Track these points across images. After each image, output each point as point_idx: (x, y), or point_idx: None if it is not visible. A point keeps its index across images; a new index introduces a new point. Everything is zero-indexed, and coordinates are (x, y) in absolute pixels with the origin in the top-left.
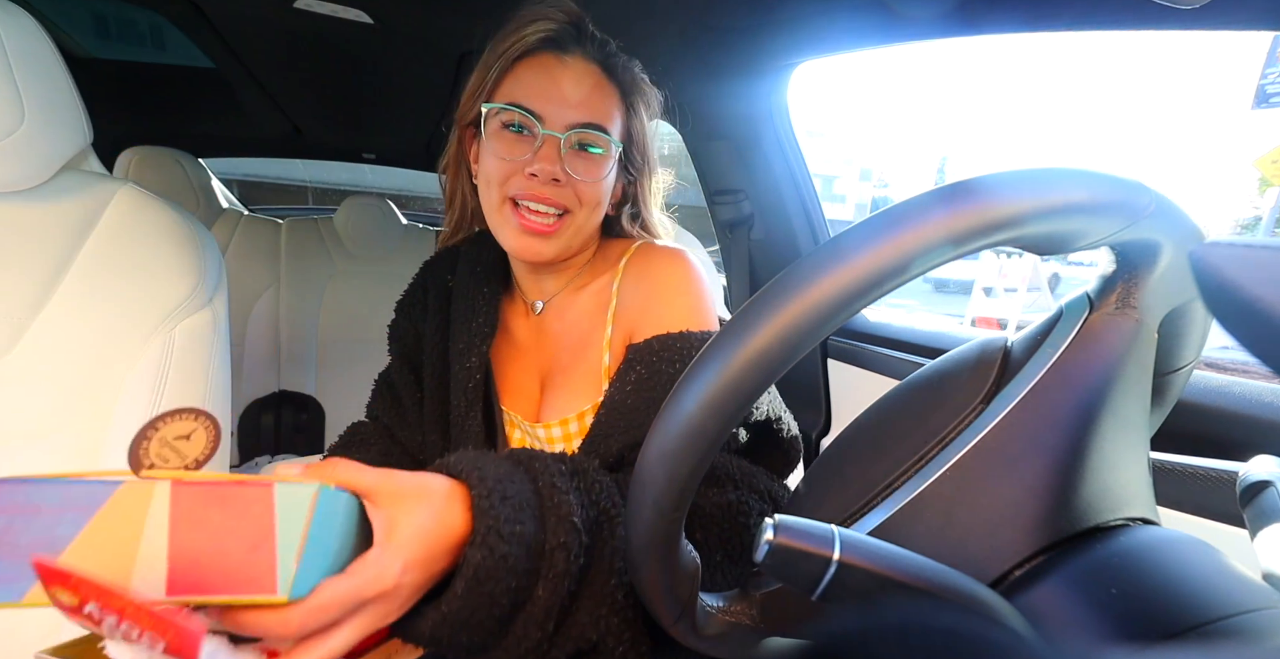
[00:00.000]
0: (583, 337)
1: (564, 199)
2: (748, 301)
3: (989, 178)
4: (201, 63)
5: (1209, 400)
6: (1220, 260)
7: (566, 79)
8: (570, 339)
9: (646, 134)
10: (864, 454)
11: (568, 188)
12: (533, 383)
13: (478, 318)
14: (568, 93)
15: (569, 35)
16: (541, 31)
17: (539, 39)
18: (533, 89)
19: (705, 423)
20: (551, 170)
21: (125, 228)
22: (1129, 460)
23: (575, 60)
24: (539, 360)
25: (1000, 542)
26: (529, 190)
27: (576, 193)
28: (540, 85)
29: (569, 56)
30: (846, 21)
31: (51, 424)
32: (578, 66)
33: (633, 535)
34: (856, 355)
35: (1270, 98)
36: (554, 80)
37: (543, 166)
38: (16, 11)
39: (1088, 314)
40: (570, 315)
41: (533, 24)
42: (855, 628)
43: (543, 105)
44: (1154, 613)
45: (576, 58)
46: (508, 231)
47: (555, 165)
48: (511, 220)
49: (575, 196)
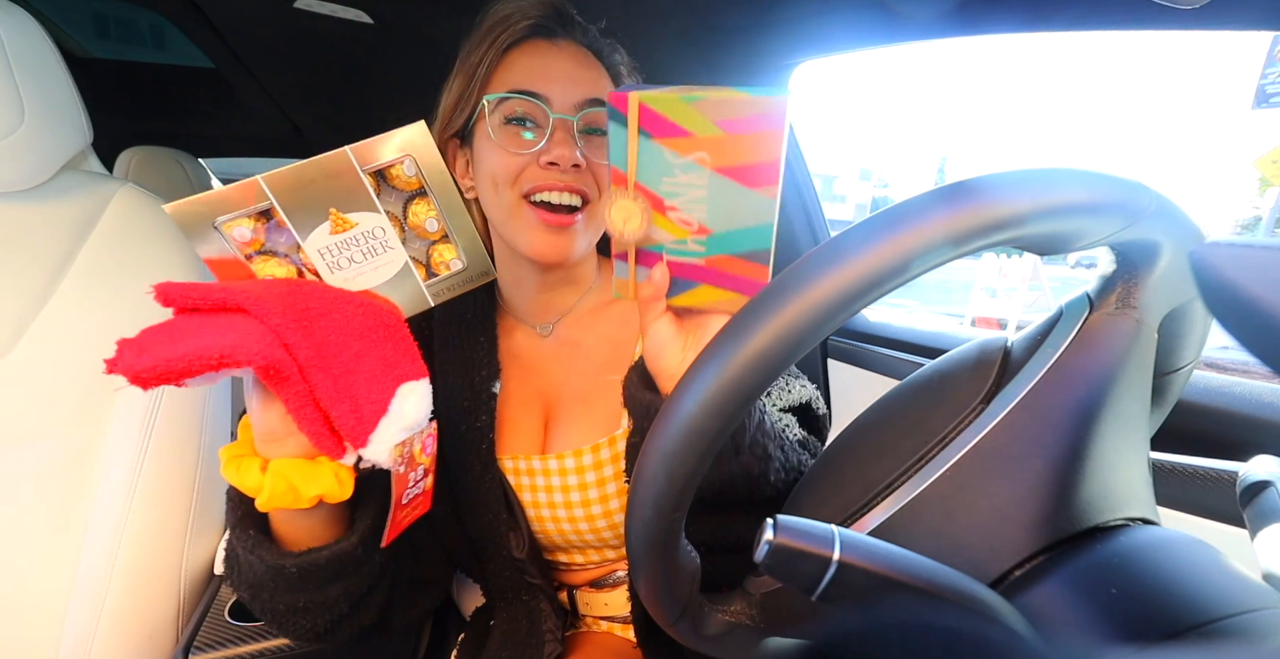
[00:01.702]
0: (604, 363)
1: (586, 185)
2: (748, 302)
3: (989, 178)
4: (201, 63)
5: (1209, 400)
6: (1220, 260)
7: (563, 59)
8: (588, 365)
9: None
10: (864, 454)
11: (587, 173)
12: (533, 412)
13: (480, 370)
14: (569, 72)
15: (555, 21)
16: (528, 19)
17: (527, 26)
18: (533, 72)
19: (705, 423)
20: (570, 155)
21: (125, 228)
22: (1129, 460)
23: (567, 44)
24: (543, 386)
25: (1000, 542)
26: (547, 181)
27: (596, 178)
28: (539, 67)
29: (560, 41)
30: (846, 21)
31: (52, 423)
32: (570, 49)
33: (633, 535)
34: (856, 355)
35: (1270, 98)
36: (550, 61)
37: (561, 152)
38: (16, 11)
39: (1088, 314)
40: (588, 339)
41: (515, 15)
42: (855, 628)
43: (546, 86)
44: (1154, 613)
45: (568, 41)
46: (528, 233)
47: (572, 150)
48: (531, 218)
49: (595, 182)
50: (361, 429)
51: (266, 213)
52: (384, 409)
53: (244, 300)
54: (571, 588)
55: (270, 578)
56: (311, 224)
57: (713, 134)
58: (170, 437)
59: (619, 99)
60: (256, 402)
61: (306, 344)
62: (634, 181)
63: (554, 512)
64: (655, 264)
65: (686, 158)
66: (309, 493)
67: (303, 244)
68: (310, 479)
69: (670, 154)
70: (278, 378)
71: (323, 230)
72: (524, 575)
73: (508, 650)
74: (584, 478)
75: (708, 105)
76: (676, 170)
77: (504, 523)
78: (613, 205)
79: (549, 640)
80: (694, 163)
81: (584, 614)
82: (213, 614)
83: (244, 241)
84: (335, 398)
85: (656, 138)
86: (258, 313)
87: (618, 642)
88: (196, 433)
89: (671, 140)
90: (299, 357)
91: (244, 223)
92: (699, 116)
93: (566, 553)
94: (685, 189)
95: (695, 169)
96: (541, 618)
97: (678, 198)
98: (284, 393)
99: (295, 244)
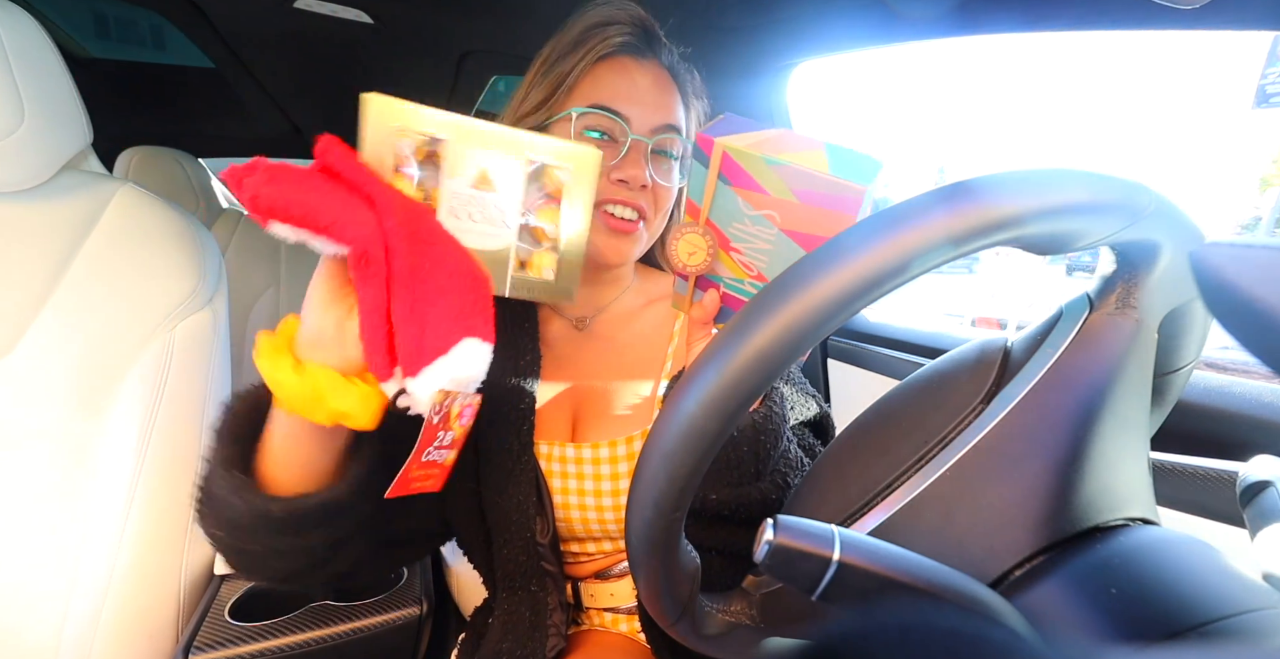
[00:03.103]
0: (638, 360)
1: (645, 202)
2: (749, 301)
3: (989, 178)
4: (201, 63)
5: (1209, 400)
6: (1220, 260)
7: (648, 82)
8: (623, 359)
9: None
10: (864, 454)
11: (648, 192)
12: (565, 402)
13: (524, 355)
14: (651, 96)
15: (644, 40)
16: (622, 34)
17: (620, 42)
18: (619, 91)
19: (705, 423)
20: (640, 177)
21: (125, 228)
22: (1129, 460)
23: (651, 64)
24: (577, 375)
25: (1000, 542)
26: (616, 195)
27: (655, 197)
28: (624, 88)
29: (645, 61)
30: (846, 21)
31: (52, 423)
32: (654, 70)
33: (633, 535)
34: (856, 355)
35: (1270, 97)
36: (636, 83)
37: (633, 173)
38: (16, 11)
39: (1088, 314)
40: (624, 335)
41: (612, 26)
42: (855, 628)
43: (628, 108)
44: (1154, 613)
45: (652, 62)
46: (595, 236)
47: (642, 171)
48: (599, 223)
49: (653, 201)
50: (419, 358)
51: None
52: (445, 350)
53: (376, 192)
54: (576, 580)
55: (251, 520)
56: (461, 171)
57: (787, 199)
58: (170, 437)
59: (705, 141)
60: (321, 298)
61: (406, 255)
62: (706, 217)
63: (581, 499)
64: (709, 288)
65: (758, 212)
66: (334, 406)
67: (442, 181)
68: (340, 393)
69: (744, 204)
70: (366, 271)
71: (465, 179)
72: (541, 561)
73: (508, 642)
74: (616, 468)
75: (789, 173)
76: (747, 219)
77: (533, 506)
78: (681, 238)
79: (552, 634)
80: (764, 217)
81: (588, 607)
82: (213, 614)
83: (401, 155)
84: (408, 317)
85: (734, 186)
86: (382, 208)
87: (620, 640)
88: (196, 433)
89: (747, 192)
90: (394, 263)
91: (414, 139)
92: (778, 180)
93: (580, 543)
94: (753, 238)
95: (765, 223)
96: (546, 611)
97: (744, 243)
98: (365, 289)
99: (434, 184)
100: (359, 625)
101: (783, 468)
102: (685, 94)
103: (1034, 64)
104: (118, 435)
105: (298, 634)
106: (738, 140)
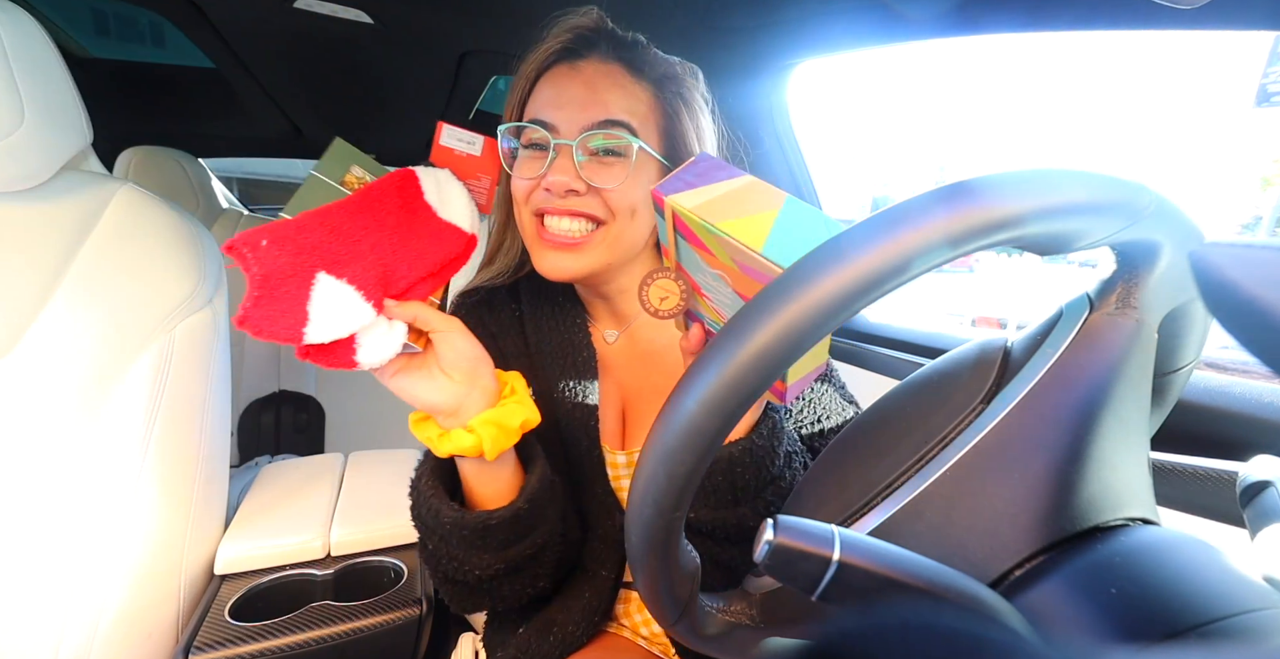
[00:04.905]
0: (678, 362)
1: (591, 209)
2: (749, 301)
3: (989, 178)
4: (201, 63)
5: (1209, 400)
6: (1220, 260)
7: (577, 84)
8: (664, 362)
9: (701, 128)
10: (864, 454)
11: (593, 197)
12: (612, 407)
13: (580, 352)
14: (578, 96)
15: (583, 41)
16: (557, 45)
17: (553, 53)
18: (547, 101)
19: (705, 422)
20: (564, 182)
21: (125, 228)
22: (1129, 460)
23: (589, 64)
24: (618, 383)
25: (1000, 541)
26: (549, 204)
27: (605, 201)
28: (554, 96)
29: (582, 62)
30: (846, 21)
31: (52, 423)
32: (591, 69)
33: (633, 535)
34: (856, 355)
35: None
36: (564, 89)
37: (555, 179)
38: (16, 11)
39: (1088, 314)
40: (661, 340)
41: (550, 41)
42: (855, 628)
43: (553, 114)
44: (1154, 613)
45: (590, 61)
46: (537, 253)
47: (568, 175)
48: (538, 238)
49: (604, 205)
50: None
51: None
52: None
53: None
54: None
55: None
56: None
57: (730, 266)
58: (170, 437)
59: (658, 197)
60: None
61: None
62: (675, 262)
63: None
64: (695, 322)
65: (714, 270)
66: (514, 424)
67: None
68: (506, 415)
69: (701, 261)
70: None
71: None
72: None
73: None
74: None
75: (725, 244)
76: (708, 275)
77: (611, 495)
78: (653, 284)
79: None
80: (719, 276)
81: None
82: (213, 614)
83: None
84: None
85: (690, 243)
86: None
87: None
88: (196, 433)
89: (700, 251)
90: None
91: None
92: (719, 247)
93: None
94: (716, 291)
95: (720, 282)
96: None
97: (712, 291)
98: None
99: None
100: (359, 625)
101: (768, 496)
102: (658, 82)
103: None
104: (118, 435)
105: (298, 634)
106: (689, 198)
